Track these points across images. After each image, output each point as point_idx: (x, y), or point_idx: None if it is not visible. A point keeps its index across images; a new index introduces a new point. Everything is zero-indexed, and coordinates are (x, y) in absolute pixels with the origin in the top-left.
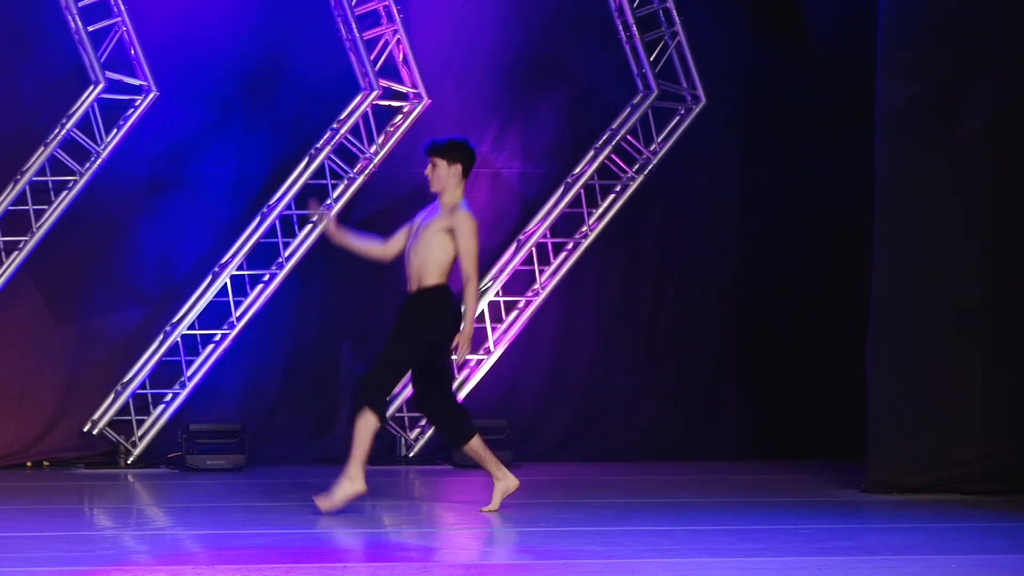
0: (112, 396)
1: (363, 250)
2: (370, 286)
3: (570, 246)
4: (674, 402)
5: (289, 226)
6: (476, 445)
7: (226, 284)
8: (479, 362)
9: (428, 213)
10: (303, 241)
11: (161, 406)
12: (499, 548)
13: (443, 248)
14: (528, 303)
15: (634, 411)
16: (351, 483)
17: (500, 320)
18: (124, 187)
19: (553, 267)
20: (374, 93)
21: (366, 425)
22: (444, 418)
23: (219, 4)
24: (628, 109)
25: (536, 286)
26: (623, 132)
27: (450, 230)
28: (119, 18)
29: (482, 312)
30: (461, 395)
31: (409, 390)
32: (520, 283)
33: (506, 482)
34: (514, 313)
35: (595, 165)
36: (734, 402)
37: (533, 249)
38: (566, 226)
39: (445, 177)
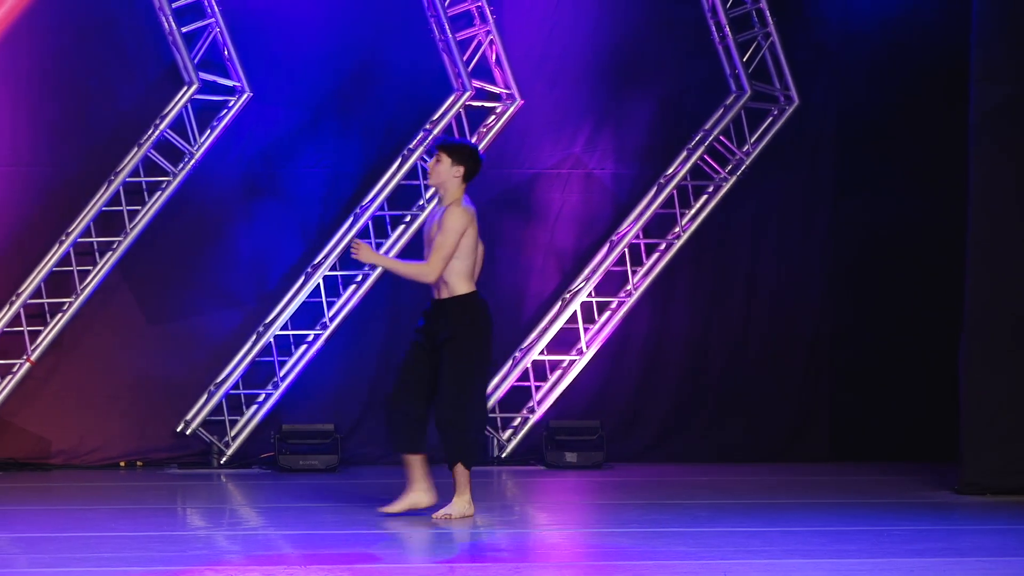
0: (205, 396)
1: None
2: None
3: (663, 247)
4: (766, 403)
5: (382, 226)
6: (418, 461)
7: (319, 285)
8: (571, 363)
9: (431, 216)
10: (396, 241)
11: (254, 406)
12: (591, 548)
13: (459, 249)
14: (621, 304)
15: (726, 412)
16: (469, 505)
17: (592, 321)
18: (217, 188)
19: (646, 268)
20: (467, 94)
21: (461, 472)
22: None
23: (312, 5)
24: (721, 110)
25: (629, 287)
26: (716, 133)
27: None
28: (213, 19)
29: (574, 313)
30: (554, 396)
31: (501, 392)
32: (613, 284)
33: (423, 494)
34: (607, 314)
35: (688, 166)
36: (826, 403)
37: (626, 250)
38: (659, 227)
39: (445, 174)
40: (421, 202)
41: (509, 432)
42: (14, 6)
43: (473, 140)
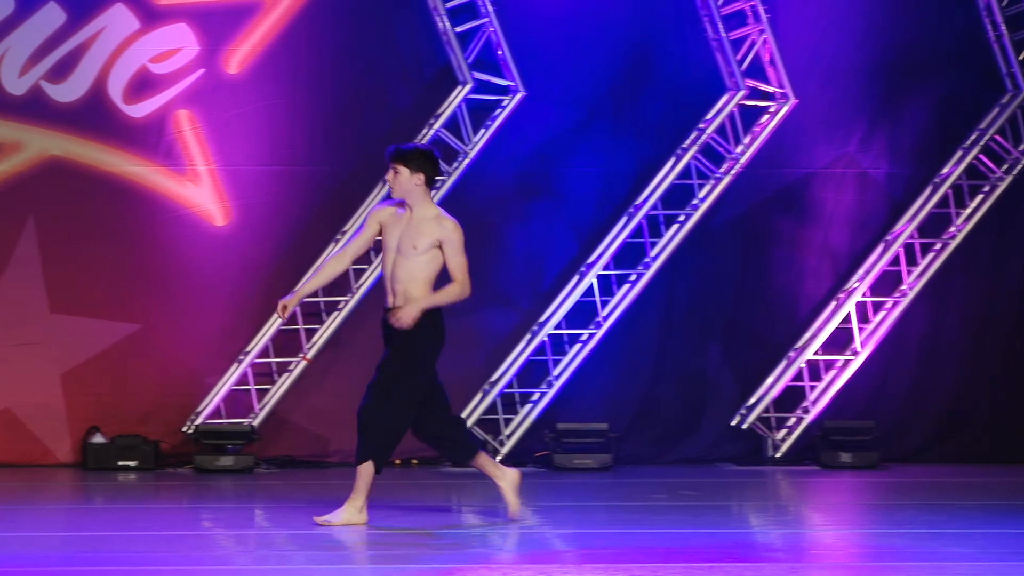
0: (480, 395)
1: (327, 280)
2: (738, 288)
3: (938, 247)
4: None
5: (655, 226)
6: (481, 460)
7: (592, 284)
8: (846, 363)
9: (404, 227)
10: (669, 241)
11: (528, 405)
12: (866, 549)
13: (434, 263)
14: (896, 304)
15: (1003, 413)
16: (358, 514)
17: (867, 321)
18: (491, 187)
19: (920, 268)
20: (740, 93)
21: (367, 470)
22: (445, 436)
23: (585, 4)
24: (996, 109)
25: (903, 287)
26: (991, 132)
27: (439, 244)
28: (487, 19)
29: (849, 313)
30: (828, 396)
31: (775, 392)
32: (887, 284)
33: (507, 479)
34: (881, 314)
35: (963, 165)
36: None
37: (900, 249)
38: (933, 226)
39: (407, 184)
40: (695, 201)
41: (783, 432)
42: (289, 7)
43: (746, 140)
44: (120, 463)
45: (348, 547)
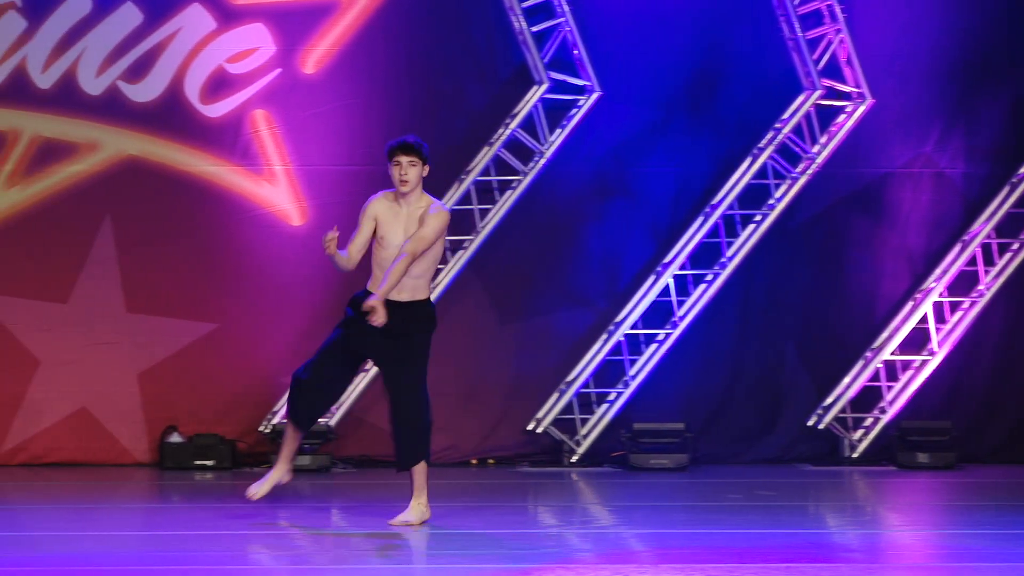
0: (556, 395)
1: (342, 266)
2: (814, 288)
3: (1015, 247)
4: None
5: (732, 226)
6: (298, 441)
7: (669, 284)
8: (923, 363)
9: (404, 222)
10: (746, 241)
11: (605, 405)
12: (943, 550)
13: (431, 253)
14: (973, 304)
15: None
16: (428, 509)
17: (944, 321)
18: (567, 187)
19: (998, 268)
20: (817, 93)
21: (419, 469)
22: (326, 402)
23: (661, 3)
24: None
25: (980, 287)
26: None
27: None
28: (563, 19)
29: (925, 313)
30: (905, 396)
31: (852, 392)
32: (964, 284)
33: (285, 471)
34: (958, 314)
35: None
36: None
37: (978, 249)
38: (1011, 226)
39: (419, 176)
40: (771, 201)
41: (860, 432)
42: (366, 6)
43: (823, 140)
44: (197, 462)
45: (424, 546)
